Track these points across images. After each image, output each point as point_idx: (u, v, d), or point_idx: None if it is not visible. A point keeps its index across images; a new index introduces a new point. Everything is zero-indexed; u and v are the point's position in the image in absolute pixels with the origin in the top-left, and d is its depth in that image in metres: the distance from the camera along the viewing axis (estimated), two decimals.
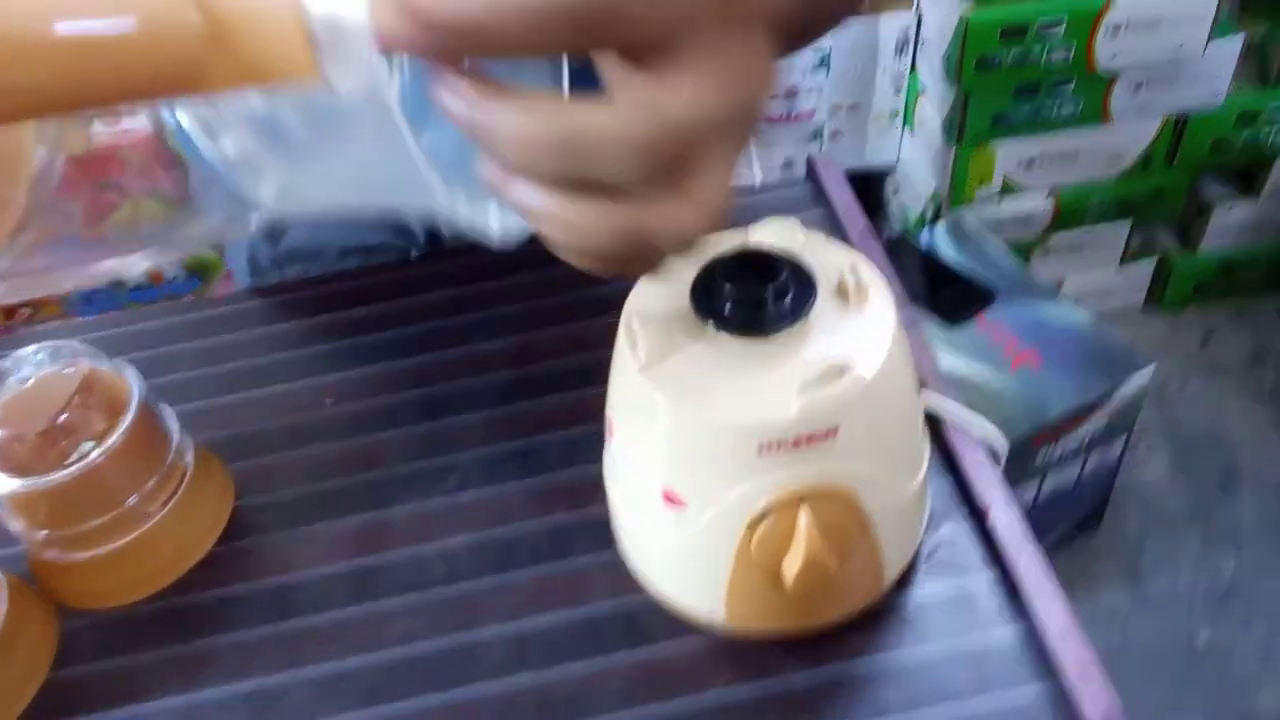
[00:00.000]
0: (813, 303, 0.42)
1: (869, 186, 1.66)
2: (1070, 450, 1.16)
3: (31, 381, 0.52)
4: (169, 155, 0.43)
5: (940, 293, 1.23)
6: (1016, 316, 1.19)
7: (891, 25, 1.44)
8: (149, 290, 1.52)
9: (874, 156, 1.71)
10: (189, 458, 0.56)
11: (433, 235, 0.75)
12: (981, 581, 0.48)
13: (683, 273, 0.43)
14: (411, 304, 0.69)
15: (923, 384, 0.54)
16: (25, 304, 1.52)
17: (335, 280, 0.72)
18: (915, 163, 1.55)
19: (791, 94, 1.55)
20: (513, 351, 0.64)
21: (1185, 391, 1.55)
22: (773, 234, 0.46)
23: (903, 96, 1.51)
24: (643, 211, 0.30)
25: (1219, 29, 1.34)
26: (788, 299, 0.42)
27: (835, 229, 0.68)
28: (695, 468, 0.42)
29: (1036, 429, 1.09)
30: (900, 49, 1.46)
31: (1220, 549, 1.36)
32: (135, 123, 0.48)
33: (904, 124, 1.56)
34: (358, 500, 0.57)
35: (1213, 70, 1.38)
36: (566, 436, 0.58)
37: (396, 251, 0.76)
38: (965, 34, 1.27)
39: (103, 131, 0.57)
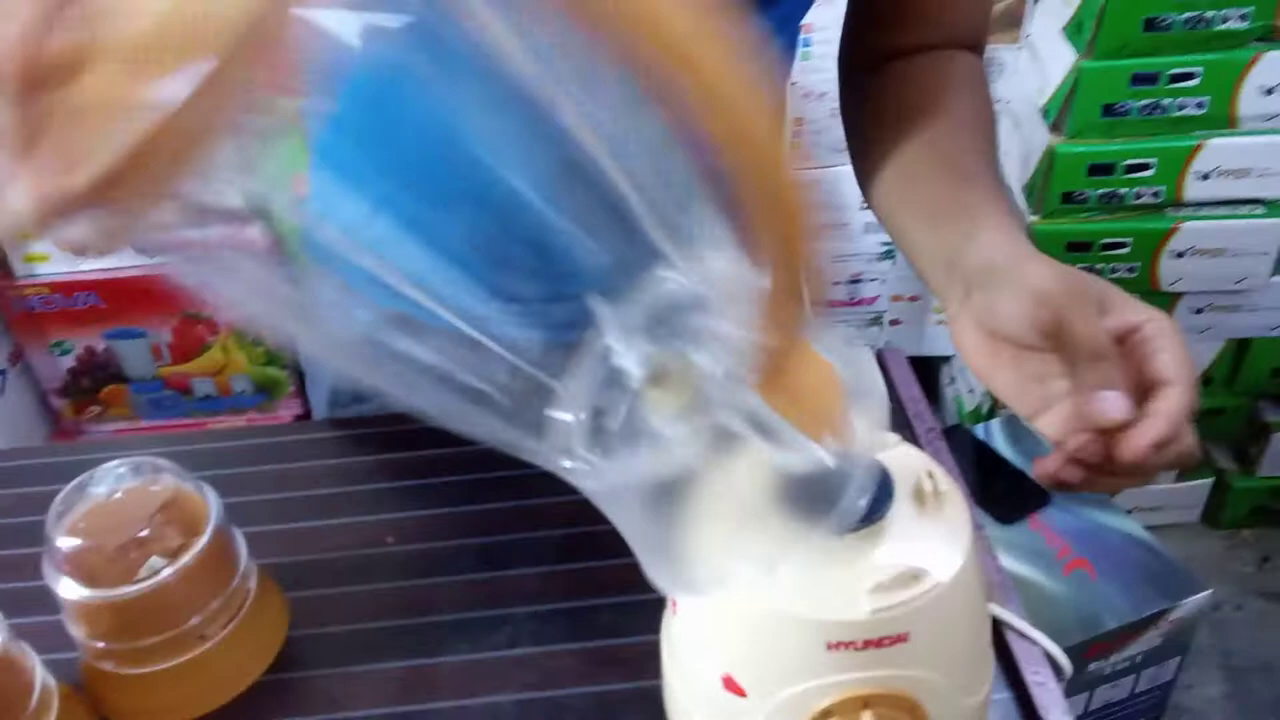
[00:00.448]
0: (890, 505, 0.42)
1: (924, 373, 1.68)
2: (1122, 665, 1.13)
3: (118, 494, 0.53)
4: None
5: (993, 488, 1.23)
6: (1070, 521, 1.17)
7: None
8: (215, 401, 1.56)
9: (932, 346, 1.73)
10: (252, 583, 0.56)
11: None
12: None
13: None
14: (477, 451, 0.69)
15: (989, 595, 0.54)
16: (94, 402, 1.57)
17: (406, 419, 0.74)
18: None
19: (855, 280, 1.60)
20: (575, 508, 0.65)
21: (1241, 615, 1.50)
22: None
23: None
24: None
25: None
26: (865, 500, 0.42)
27: (901, 423, 0.69)
28: (759, 658, 0.42)
29: (1089, 640, 1.06)
30: None
31: None
32: None
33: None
34: (408, 644, 0.57)
35: (1274, 301, 1.39)
36: (624, 602, 0.58)
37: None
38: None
39: None
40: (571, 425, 0.38)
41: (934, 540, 0.42)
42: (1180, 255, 1.35)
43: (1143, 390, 0.45)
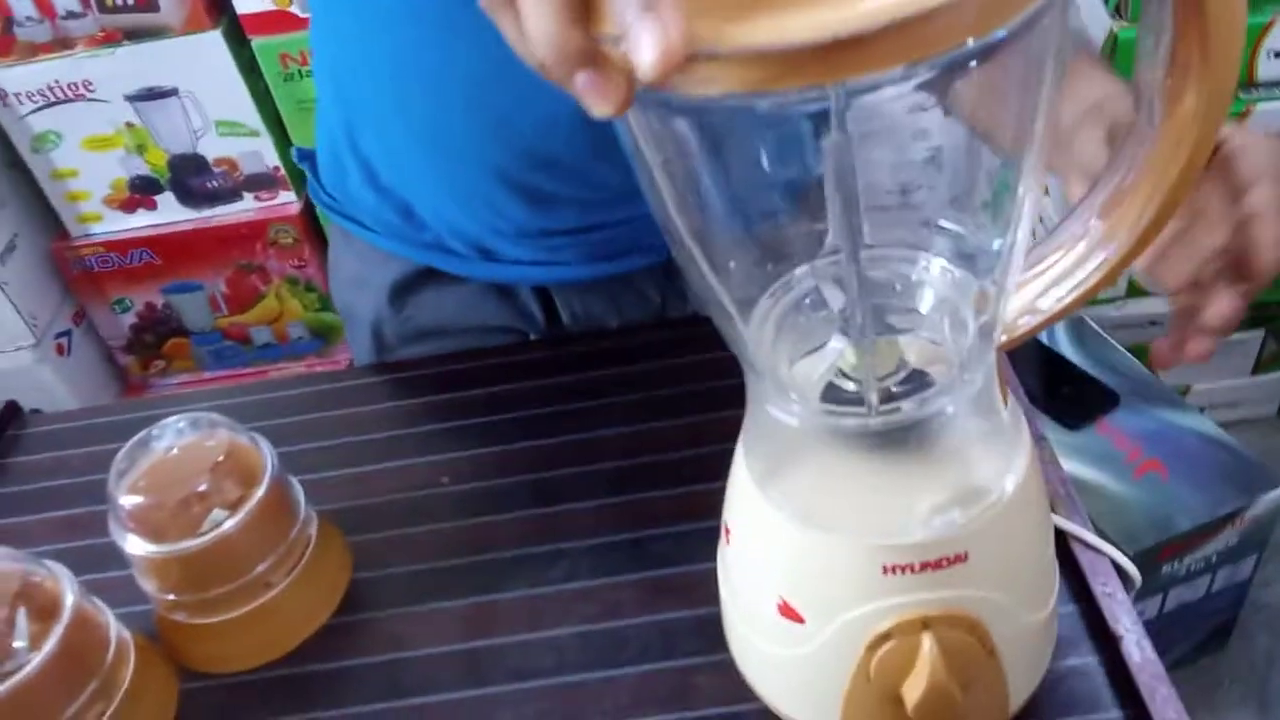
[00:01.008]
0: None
1: None
2: (1198, 566, 1.10)
3: (175, 450, 0.54)
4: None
5: (1060, 393, 1.19)
6: (1140, 423, 1.14)
7: None
8: (274, 348, 1.58)
9: None
10: (312, 530, 0.57)
11: (552, 318, 0.76)
12: (1112, 718, 0.45)
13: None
14: (528, 388, 0.70)
15: (1052, 506, 0.52)
16: (158, 357, 1.60)
17: (455, 360, 0.74)
18: None
19: (905, 189, 1.55)
20: (627, 441, 0.65)
21: None
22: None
23: None
24: None
25: None
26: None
27: None
28: (815, 584, 0.41)
29: (1163, 542, 1.03)
30: None
31: None
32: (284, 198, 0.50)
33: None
34: (469, 582, 0.57)
35: None
36: (679, 531, 0.57)
37: (515, 334, 0.77)
38: None
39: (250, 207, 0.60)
40: None
41: (991, 456, 0.41)
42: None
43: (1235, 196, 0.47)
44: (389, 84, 0.65)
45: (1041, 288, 0.42)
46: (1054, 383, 1.21)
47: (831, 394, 0.40)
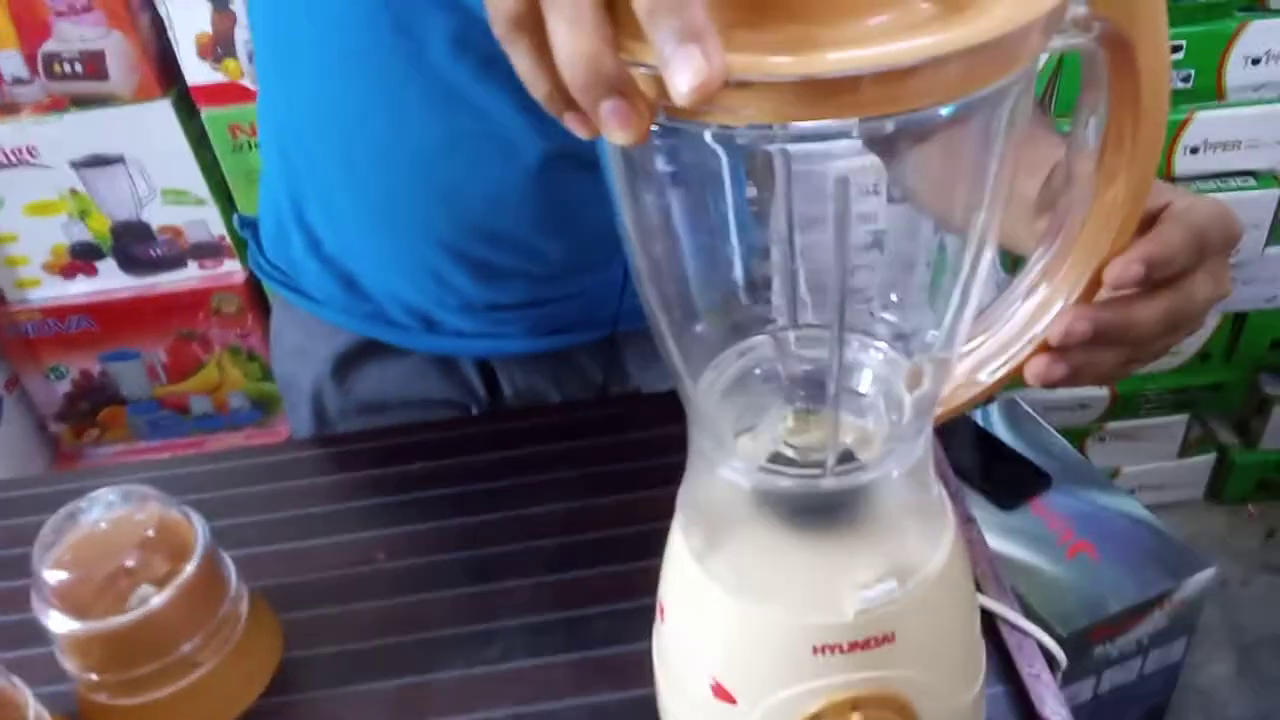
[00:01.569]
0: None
1: None
2: (1129, 648, 1.12)
3: (103, 524, 0.53)
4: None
5: (994, 473, 1.22)
6: (1072, 504, 1.17)
7: None
8: (213, 419, 1.56)
9: None
10: (243, 607, 0.56)
11: (493, 392, 0.77)
12: None
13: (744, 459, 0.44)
14: (467, 463, 0.70)
15: (977, 587, 0.53)
16: (92, 425, 1.57)
17: (394, 434, 0.74)
18: None
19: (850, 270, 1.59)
20: (564, 518, 0.65)
21: (1248, 590, 1.50)
22: None
23: None
24: None
25: (1276, 234, 1.35)
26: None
27: None
28: (747, 663, 0.42)
29: (1095, 624, 1.05)
30: None
31: None
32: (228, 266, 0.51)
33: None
34: (402, 661, 0.56)
35: (1271, 273, 1.39)
36: (615, 610, 0.57)
37: (457, 407, 0.77)
38: None
39: (194, 275, 0.60)
40: None
41: (920, 534, 0.42)
42: None
43: None
44: (337, 152, 0.65)
45: (977, 361, 0.44)
46: (988, 463, 1.24)
47: (775, 460, 0.41)
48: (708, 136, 0.30)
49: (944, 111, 0.28)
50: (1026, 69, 0.30)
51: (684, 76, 0.25)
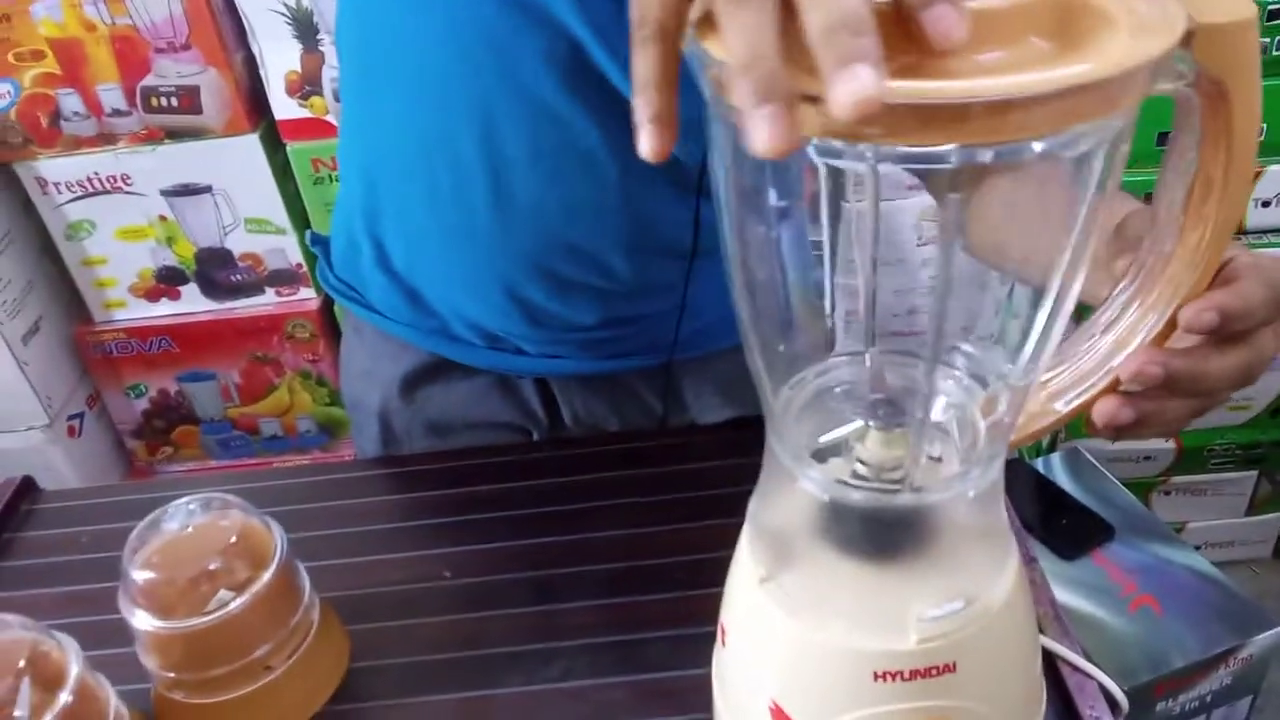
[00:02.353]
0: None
1: None
2: (1192, 705, 1.09)
3: (190, 529, 0.56)
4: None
5: (1056, 524, 1.21)
6: (1135, 556, 1.15)
7: None
8: (281, 441, 1.60)
9: None
10: (315, 615, 0.58)
11: (554, 417, 0.79)
12: None
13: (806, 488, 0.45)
14: (530, 487, 0.72)
15: (1040, 627, 0.53)
16: (166, 443, 1.62)
17: (459, 456, 0.76)
18: None
19: (912, 312, 1.59)
20: (624, 544, 0.66)
21: None
22: None
23: None
24: None
25: None
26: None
27: None
28: (807, 687, 0.42)
29: (1157, 679, 1.03)
30: None
31: None
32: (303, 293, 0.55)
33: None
34: (464, 676, 0.58)
35: None
36: (675, 635, 0.58)
37: (519, 430, 0.79)
38: None
39: (271, 301, 0.63)
40: None
41: (981, 570, 0.42)
42: None
43: None
44: (420, 168, 0.67)
45: (1054, 391, 0.44)
46: (1050, 514, 1.22)
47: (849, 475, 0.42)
48: (811, 151, 0.31)
49: (1051, 144, 0.29)
50: (1130, 109, 0.31)
51: (848, 89, 0.26)
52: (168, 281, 1.48)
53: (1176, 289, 0.41)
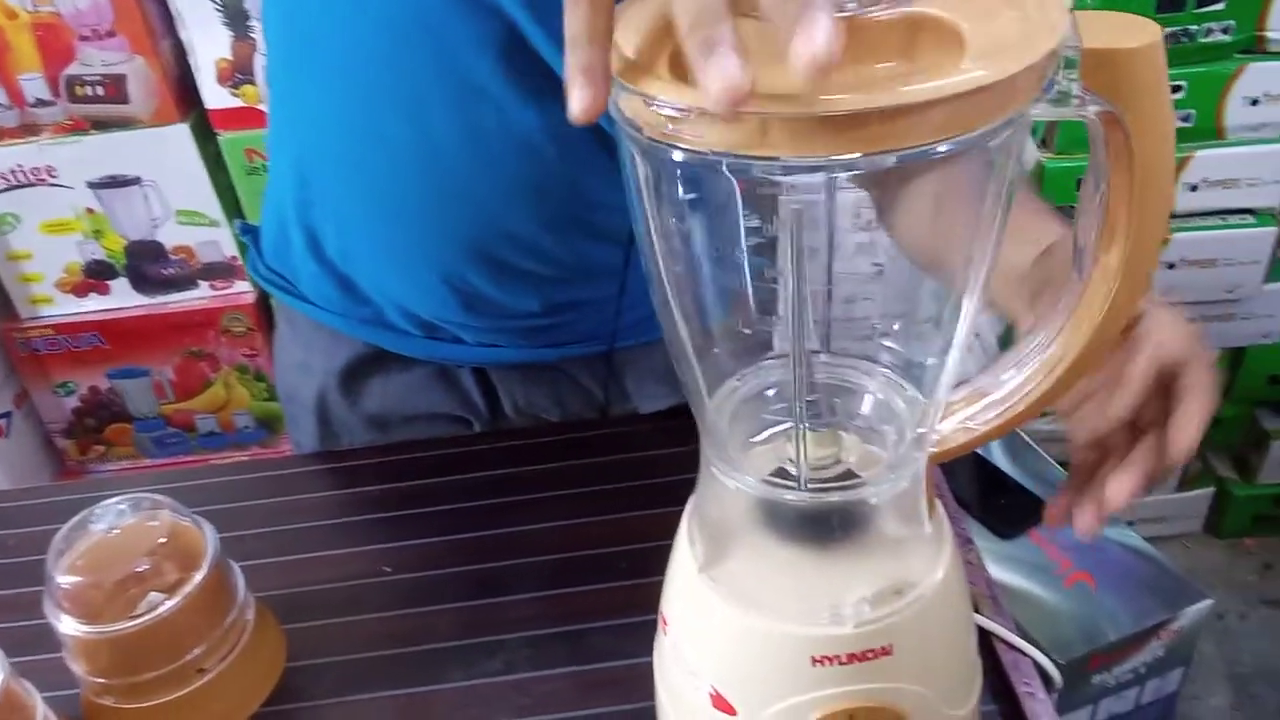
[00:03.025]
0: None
1: None
2: (1126, 677, 1.12)
3: (116, 531, 0.54)
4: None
5: (994, 502, 1.23)
6: (1071, 535, 1.17)
7: None
8: (218, 437, 1.57)
9: None
10: (250, 615, 0.57)
11: (494, 407, 0.78)
12: None
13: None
14: (471, 480, 0.71)
15: (974, 605, 0.54)
16: (98, 442, 1.58)
17: (398, 450, 0.75)
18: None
19: (849, 300, 1.60)
20: (565, 535, 0.66)
21: (1246, 624, 1.50)
22: None
23: None
24: None
25: (1274, 271, 1.37)
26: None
27: None
28: (745, 674, 0.43)
29: (1091, 652, 1.05)
30: None
31: None
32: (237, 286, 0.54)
33: (999, 348, 1.59)
34: (405, 673, 0.57)
35: (1268, 309, 1.40)
36: (615, 625, 0.58)
37: (459, 422, 0.79)
38: None
39: (205, 295, 0.62)
40: None
41: (917, 552, 0.43)
42: (1172, 266, 1.36)
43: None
44: (352, 153, 0.66)
45: (974, 409, 0.45)
46: (988, 493, 1.25)
47: (779, 475, 0.42)
48: (724, 168, 0.31)
49: (940, 149, 0.30)
50: (1015, 118, 0.31)
51: (718, 80, 0.27)
52: (96, 276, 1.44)
53: (1091, 313, 0.40)
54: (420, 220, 0.66)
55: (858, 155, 0.29)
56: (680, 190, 0.36)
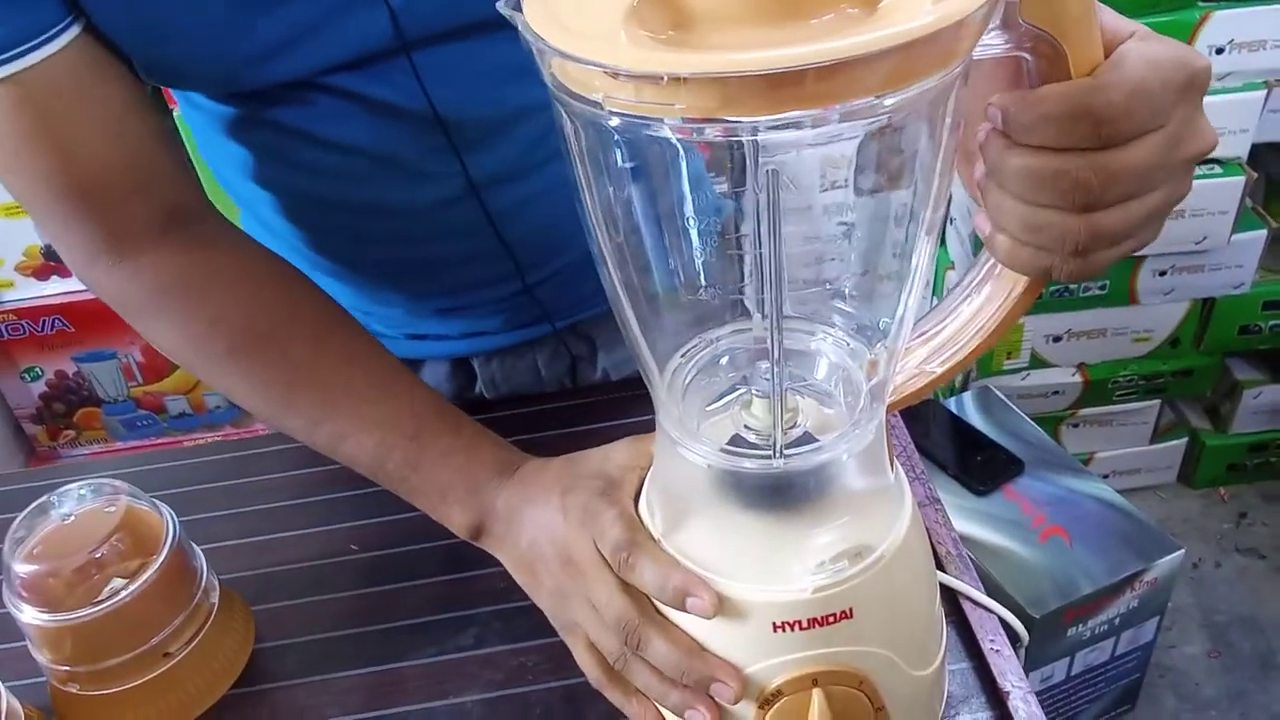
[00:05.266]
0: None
1: None
2: (1101, 629, 1.14)
3: (73, 518, 0.53)
4: None
5: (968, 460, 1.23)
6: (1045, 489, 1.18)
7: None
8: (190, 418, 1.55)
9: None
10: (214, 598, 0.56)
11: (470, 379, 0.77)
12: None
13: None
14: None
15: (940, 566, 0.54)
16: (68, 426, 1.56)
17: None
18: None
19: (819, 260, 1.60)
20: None
21: (1220, 572, 1.52)
22: None
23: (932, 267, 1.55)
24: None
25: (1243, 221, 1.37)
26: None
27: None
28: (709, 643, 0.42)
29: (1066, 605, 1.07)
30: None
31: None
32: None
33: (933, 294, 1.59)
34: (375, 651, 0.57)
35: (1238, 259, 1.41)
36: None
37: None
38: None
39: None
40: None
41: (876, 515, 0.43)
42: None
43: None
44: (303, 250, 0.68)
45: (928, 353, 0.44)
46: (963, 451, 1.25)
47: (735, 443, 0.42)
48: (669, 132, 0.31)
49: (886, 103, 0.29)
50: (961, 67, 0.31)
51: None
52: (57, 259, 1.42)
53: None
54: (368, 263, 0.68)
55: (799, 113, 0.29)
56: (620, 158, 0.35)
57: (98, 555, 0.52)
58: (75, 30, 0.49)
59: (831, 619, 0.40)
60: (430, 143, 0.58)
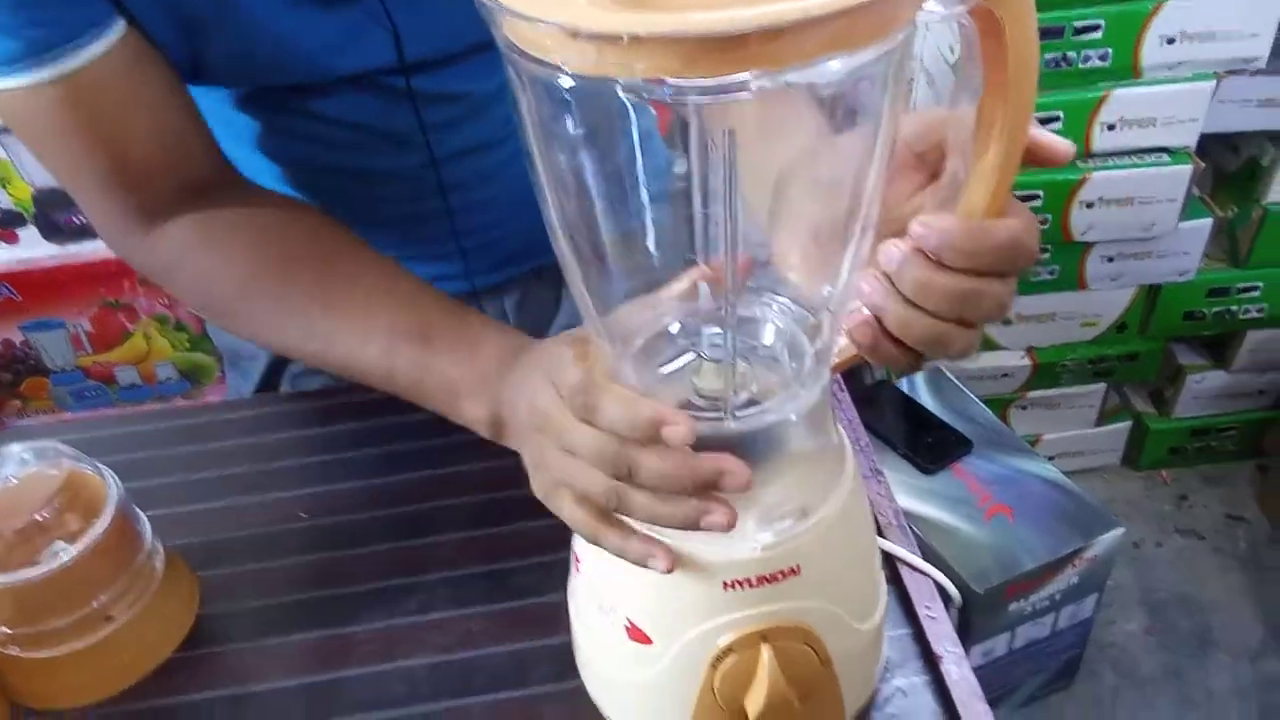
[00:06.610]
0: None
1: None
2: (1042, 604, 1.16)
3: (14, 481, 0.53)
4: None
5: (919, 439, 1.25)
6: (992, 469, 1.20)
7: None
8: (140, 389, 1.53)
9: None
10: (158, 563, 0.56)
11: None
12: None
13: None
14: (393, 423, 0.70)
15: (880, 532, 0.55)
16: (15, 396, 1.53)
17: (317, 396, 0.74)
18: None
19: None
20: (487, 476, 0.65)
21: (1161, 552, 1.56)
22: None
23: None
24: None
25: (1189, 210, 1.40)
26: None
27: None
28: (659, 604, 0.43)
29: (1008, 580, 1.09)
30: None
31: (1193, 712, 1.34)
32: None
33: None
34: (322, 616, 0.57)
35: (1183, 247, 1.44)
36: (535, 563, 0.58)
37: None
38: None
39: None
40: None
41: (821, 477, 0.44)
42: (1090, 205, 1.39)
43: None
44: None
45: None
46: (914, 430, 1.27)
47: (685, 407, 0.42)
48: (619, 91, 0.31)
49: (831, 68, 0.30)
50: (904, 34, 0.31)
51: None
52: (4, 225, 1.39)
53: (972, 215, 0.41)
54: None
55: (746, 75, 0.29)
56: (571, 123, 0.35)
57: (39, 518, 0.51)
58: (121, 26, 0.51)
59: (780, 576, 0.41)
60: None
